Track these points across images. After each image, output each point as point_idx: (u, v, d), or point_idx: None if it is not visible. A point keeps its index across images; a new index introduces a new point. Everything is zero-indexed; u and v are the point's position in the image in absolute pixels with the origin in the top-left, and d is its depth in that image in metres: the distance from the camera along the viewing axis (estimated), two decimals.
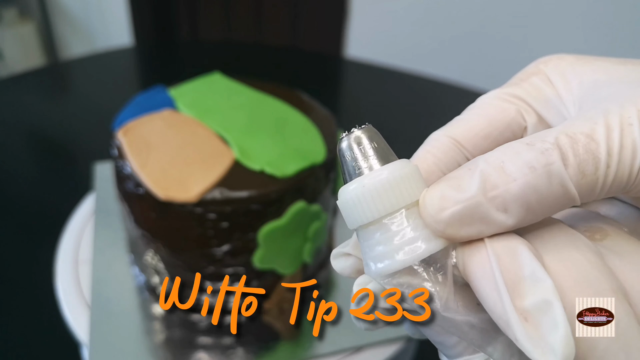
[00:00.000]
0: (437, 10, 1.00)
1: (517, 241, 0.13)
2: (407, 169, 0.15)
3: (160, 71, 0.99)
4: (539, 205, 0.13)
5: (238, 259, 0.37)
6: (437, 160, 0.17)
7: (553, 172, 0.13)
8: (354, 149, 0.16)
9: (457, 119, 0.18)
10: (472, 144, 0.17)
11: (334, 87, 0.96)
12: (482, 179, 0.13)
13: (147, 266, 0.41)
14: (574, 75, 0.17)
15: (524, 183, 0.13)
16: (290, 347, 0.39)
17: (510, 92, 0.18)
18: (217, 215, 0.34)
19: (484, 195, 0.13)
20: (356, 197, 0.15)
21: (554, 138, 0.13)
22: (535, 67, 0.18)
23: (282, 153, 0.37)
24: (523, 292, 0.13)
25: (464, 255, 0.14)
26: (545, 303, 0.12)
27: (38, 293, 0.46)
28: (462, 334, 0.14)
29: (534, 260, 0.13)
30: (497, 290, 0.13)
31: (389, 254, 0.14)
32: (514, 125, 0.17)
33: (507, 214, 0.13)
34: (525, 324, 0.12)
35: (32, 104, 0.82)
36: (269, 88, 0.45)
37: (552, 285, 0.12)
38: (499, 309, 0.13)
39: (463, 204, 0.13)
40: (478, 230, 0.14)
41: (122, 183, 0.38)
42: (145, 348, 0.38)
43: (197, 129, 0.39)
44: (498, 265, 0.13)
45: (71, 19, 1.51)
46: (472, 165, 0.14)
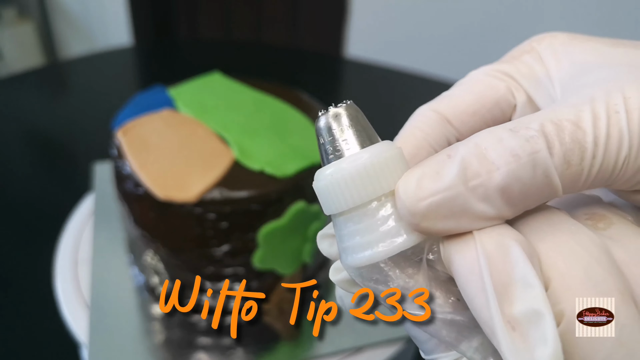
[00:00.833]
0: (438, 9, 1.00)
1: (510, 237, 0.12)
2: (390, 152, 0.14)
3: (160, 71, 0.98)
4: (521, 197, 0.12)
5: (238, 259, 0.37)
6: (425, 135, 0.16)
7: (538, 161, 0.12)
8: (333, 128, 0.14)
9: (444, 94, 0.17)
10: (459, 120, 0.16)
11: (334, 86, 0.96)
12: (463, 166, 0.12)
13: (147, 266, 0.40)
14: (565, 54, 0.16)
15: (508, 172, 0.12)
16: (290, 348, 0.39)
17: (500, 68, 0.17)
18: (216, 215, 0.34)
19: (464, 184, 0.12)
20: (333, 183, 0.13)
21: (539, 125, 0.12)
22: (528, 44, 0.17)
23: (282, 153, 0.37)
24: (512, 298, 0.12)
25: (450, 249, 0.13)
26: (536, 313, 0.11)
27: (37, 293, 0.46)
28: (433, 332, 0.14)
29: (526, 261, 0.12)
30: (485, 293, 0.12)
31: (365, 246, 0.13)
32: (503, 103, 0.16)
33: (488, 205, 0.12)
34: (512, 334, 0.12)
35: (31, 104, 0.82)
36: (269, 88, 0.45)
37: (542, 293, 0.12)
38: (485, 315, 0.12)
39: (441, 194, 0.12)
40: (457, 223, 0.13)
41: (121, 183, 0.38)
42: (145, 348, 0.37)
43: (197, 129, 0.39)
44: (487, 266, 0.12)
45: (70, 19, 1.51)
46: (451, 151, 0.13)
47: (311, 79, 0.94)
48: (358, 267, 0.14)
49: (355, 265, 0.14)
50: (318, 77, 0.97)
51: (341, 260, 0.14)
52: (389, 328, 0.38)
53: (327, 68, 1.02)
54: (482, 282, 0.12)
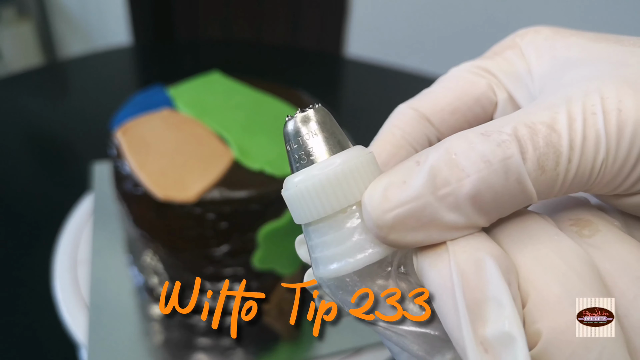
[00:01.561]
0: (438, 8, 1.00)
1: (485, 250, 0.12)
2: (362, 158, 0.13)
3: (159, 70, 0.98)
4: (494, 204, 0.12)
5: (237, 259, 0.37)
6: (405, 135, 0.16)
7: (510, 167, 0.11)
8: (302, 133, 0.13)
9: (425, 92, 0.17)
10: (438, 118, 0.16)
11: (334, 86, 0.96)
12: (432, 174, 0.12)
13: (146, 267, 0.40)
14: (547, 50, 0.15)
15: (478, 179, 0.11)
16: (290, 348, 0.39)
17: (482, 65, 0.16)
18: (216, 215, 0.34)
19: (432, 193, 0.12)
20: (303, 191, 0.13)
21: (511, 128, 0.12)
22: (511, 40, 0.17)
23: (281, 152, 0.37)
24: (485, 318, 0.11)
25: (423, 263, 0.13)
26: (507, 336, 0.11)
27: (36, 293, 0.46)
28: (404, 345, 0.13)
29: (499, 278, 0.11)
30: (457, 313, 0.11)
31: (332, 259, 0.13)
32: (484, 100, 0.16)
33: (459, 214, 0.12)
34: (483, 356, 0.11)
35: (30, 103, 0.81)
36: (269, 87, 0.45)
37: (514, 315, 0.11)
38: (457, 335, 0.11)
39: (408, 204, 0.12)
40: (427, 235, 0.12)
41: (120, 183, 0.38)
42: (144, 349, 0.37)
43: (196, 129, 0.39)
44: (460, 283, 0.11)
45: (69, 18, 1.51)
46: (420, 157, 0.12)
47: (311, 79, 0.94)
48: (326, 279, 0.13)
49: (322, 277, 0.13)
50: (318, 77, 0.96)
51: (313, 270, 0.14)
52: None
53: (327, 67, 1.02)
54: (454, 301, 0.12)
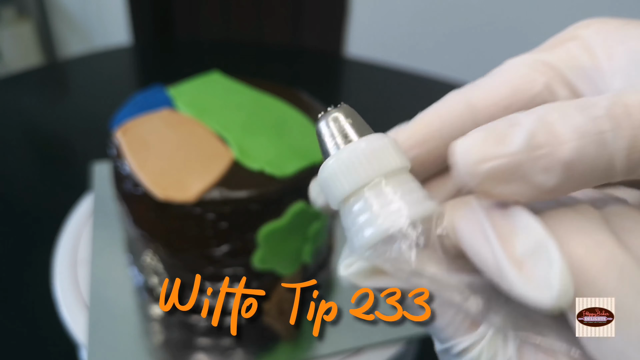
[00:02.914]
0: (438, 8, 1.00)
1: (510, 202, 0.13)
2: (385, 139, 0.15)
3: (159, 70, 0.98)
4: (581, 175, 0.12)
5: (237, 259, 0.37)
6: (441, 127, 0.16)
7: (603, 142, 0.12)
8: (332, 127, 0.16)
9: (480, 82, 0.16)
10: (488, 113, 0.16)
11: (334, 86, 0.96)
12: (530, 135, 0.12)
13: (146, 267, 0.40)
14: (619, 41, 0.15)
15: (573, 148, 0.12)
16: (290, 348, 0.39)
17: (542, 58, 0.16)
18: (216, 215, 0.34)
19: (529, 153, 0.12)
20: (335, 171, 0.15)
21: (607, 106, 0.12)
22: (572, 31, 0.16)
23: (281, 153, 0.37)
24: (516, 242, 0.12)
25: (453, 216, 0.13)
26: (539, 246, 0.12)
27: (36, 293, 0.46)
28: (458, 304, 0.14)
29: (524, 211, 0.12)
30: (488, 241, 0.12)
31: (372, 222, 0.14)
32: (539, 100, 0.16)
33: (549, 177, 0.12)
34: (519, 272, 0.12)
35: (30, 103, 0.81)
36: (269, 87, 0.45)
37: (544, 230, 0.12)
38: (490, 261, 0.12)
39: (506, 159, 0.12)
40: (515, 189, 0.12)
41: (120, 183, 0.38)
42: (144, 349, 0.37)
43: (196, 129, 0.39)
44: (488, 218, 0.13)
45: (69, 18, 1.51)
46: (513, 120, 0.13)
47: (311, 79, 0.94)
48: (372, 244, 0.14)
49: (369, 242, 0.14)
50: (318, 77, 0.96)
51: (353, 245, 0.15)
52: (389, 328, 0.38)
53: (327, 67, 1.02)
54: (484, 234, 0.13)
